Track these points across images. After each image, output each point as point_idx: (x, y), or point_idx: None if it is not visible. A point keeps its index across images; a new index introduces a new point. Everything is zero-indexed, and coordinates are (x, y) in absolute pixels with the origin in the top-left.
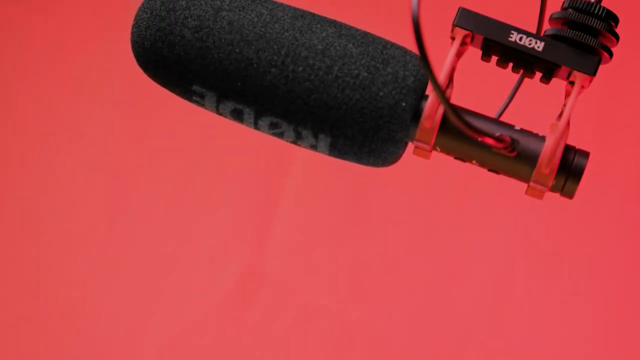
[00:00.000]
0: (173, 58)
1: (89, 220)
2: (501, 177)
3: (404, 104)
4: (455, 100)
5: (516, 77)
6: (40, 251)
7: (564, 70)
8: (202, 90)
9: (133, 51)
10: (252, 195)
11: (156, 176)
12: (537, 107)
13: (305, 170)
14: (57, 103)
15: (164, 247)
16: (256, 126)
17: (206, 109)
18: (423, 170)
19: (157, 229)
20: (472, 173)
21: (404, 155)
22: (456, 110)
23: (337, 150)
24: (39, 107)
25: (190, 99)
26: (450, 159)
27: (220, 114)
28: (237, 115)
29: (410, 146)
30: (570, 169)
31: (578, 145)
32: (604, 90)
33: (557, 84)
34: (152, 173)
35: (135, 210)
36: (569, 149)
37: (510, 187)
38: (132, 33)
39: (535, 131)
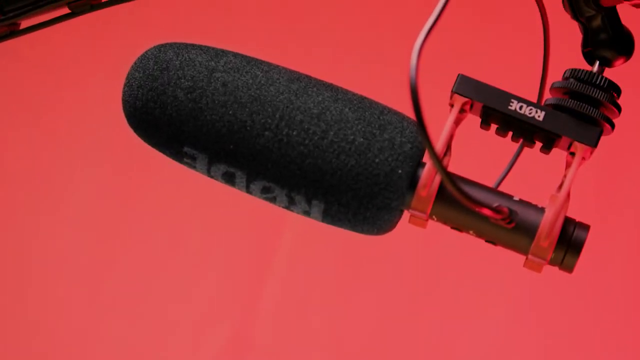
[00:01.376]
0: (165, 119)
1: (74, 278)
2: (499, 248)
3: (400, 171)
4: (452, 168)
5: (516, 145)
6: (27, 307)
7: (564, 140)
8: (193, 152)
9: (124, 110)
10: (242, 258)
11: (145, 236)
12: (537, 177)
13: (297, 234)
14: (47, 159)
15: (150, 309)
16: (248, 190)
17: (197, 171)
18: (418, 238)
19: (144, 291)
20: (469, 243)
21: (399, 223)
22: (453, 179)
23: (331, 217)
24: (28, 162)
25: (181, 161)
26: (447, 228)
27: (212, 177)
28: (229, 179)
29: (406, 214)
30: (569, 242)
31: (578, 217)
32: (605, 160)
33: (558, 153)
34: (142, 232)
35: (123, 269)
36: (568, 222)
37: (508, 259)
38: (124, 92)
39: (534, 202)
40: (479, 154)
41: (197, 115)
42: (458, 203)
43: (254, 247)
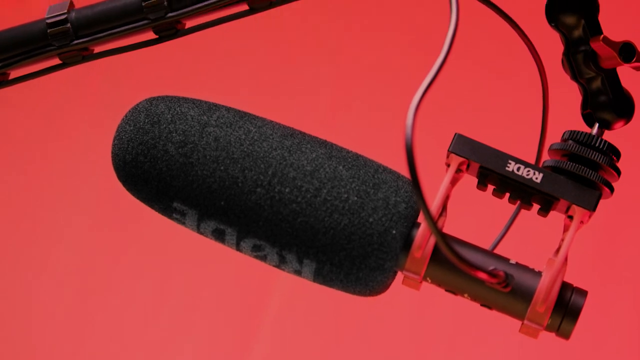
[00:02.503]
0: (155, 173)
1: (58, 339)
2: (494, 312)
3: (394, 231)
4: (448, 228)
5: (513, 207)
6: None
7: (562, 203)
8: (183, 208)
9: (113, 164)
10: (230, 320)
11: (130, 294)
12: (534, 240)
13: (287, 294)
14: (32, 208)
15: None
16: (238, 247)
17: (186, 227)
18: (412, 299)
19: (128, 354)
20: (464, 306)
21: (392, 283)
22: (448, 241)
23: (323, 276)
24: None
25: (170, 216)
26: (441, 290)
27: (201, 233)
28: (219, 236)
29: (399, 275)
30: (567, 308)
31: (576, 282)
32: (605, 223)
33: (556, 215)
34: (126, 291)
35: (107, 329)
36: (566, 287)
37: (504, 323)
38: (114, 145)
39: (531, 266)
40: (475, 215)
41: (188, 170)
42: (453, 265)
43: (241, 308)
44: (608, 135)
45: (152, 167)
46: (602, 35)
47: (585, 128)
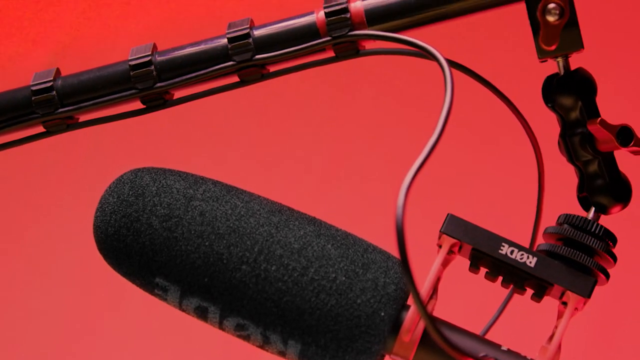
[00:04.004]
0: (137, 247)
1: None
2: None
3: (382, 313)
4: (438, 312)
5: (506, 291)
6: None
7: (556, 289)
8: (165, 284)
9: (95, 237)
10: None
11: None
12: (527, 326)
13: None
14: (10, 277)
15: None
16: (221, 326)
17: (168, 303)
18: None
19: None
20: None
21: None
22: (438, 326)
23: (307, 358)
24: None
25: (151, 292)
26: None
27: (183, 310)
28: (201, 313)
29: (387, 359)
30: None
31: None
32: (600, 309)
33: (550, 301)
34: None
35: None
36: None
37: None
38: (96, 217)
39: (523, 353)
40: (466, 298)
41: (172, 245)
42: (442, 351)
43: None
44: (604, 220)
45: (135, 240)
46: (599, 118)
47: (581, 212)
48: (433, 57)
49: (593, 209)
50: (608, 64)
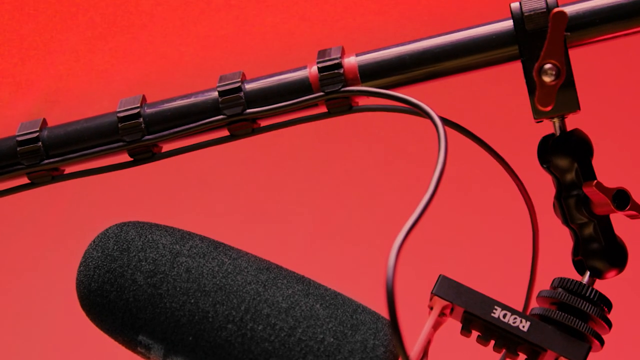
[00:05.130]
0: (121, 304)
1: None
2: None
3: None
4: None
5: (498, 356)
6: None
7: (550, 354)
8: (148, 342)
9: (77, 292)
10: None
11: None
12: None
13: None
14: None
15: None
16: None
17: None
18: None
19: None
20: None
21: None
22: None
23: None
24: None
25: (134, 350)
26: None
27: None
28: None
29: None
30: None
31: None
32: None
33: None
34: None
35: None
36: None
37: None
38: (79, 272)
39: None
40: None
41: (157, 301)
42: None
43: None
44: (599, 285)
45: (119, 296)
46: (595, 181)
47: (575, 275)
48: (427, 116)
49: (588, 273)
50: (605, 124)
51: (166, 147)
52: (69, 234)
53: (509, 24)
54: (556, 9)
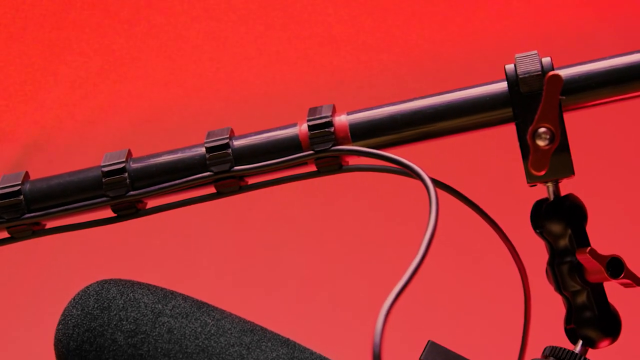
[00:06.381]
0: None
1: None
2: None
3: None
4: None
5: None
6: None
7: None
8: None
9: (55, 351)
10: None
11: None
12: None
13: None
14: None
15: None
16: None
17: None
18: None
19: None
20: None
21: None
22: None
23: None
24: None
25: None
26: None
27: None
28: None
29: None
30: None
31: None
32: None
33: None
34: None
35: None
36: None
37: None
38: (58, 330)
39: None
40: None
41: None
42: None
43: None
44: (592, 354)
45: (98, 356)
46: (589, 248)
47: (568, 344)
48: (418, 177)
49: (580, 342)
50: (600, 189)
51: (151, 203)
52: (49, 290)
53: (503, 85)
54: (551, 73)
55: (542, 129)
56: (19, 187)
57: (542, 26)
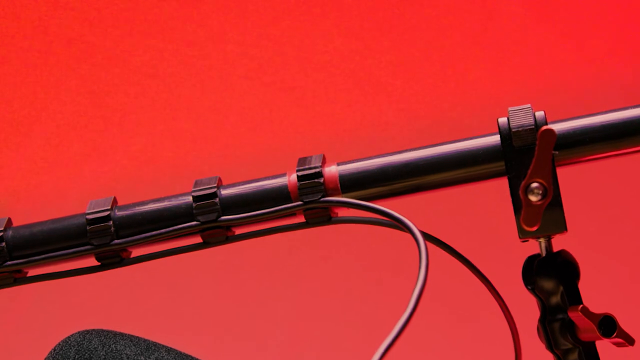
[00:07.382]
0: None
1: None
2: None
3: None
4: None
5: None
6: None
7: None
8: None
9: None
10: None
11: None
12: None
13: None
14: None
15: None
16: None
17: None
18: None
19: None
20: None
21: None
22: None
23: None
24: None
25: None
26: None
27: None
28: None
29: None
30: None
31: None
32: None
33: None
34: None
35: None
36: None
37: None
38: None
39: None
40: None
41: None
42: None
43: None
44: None
45: None
46: (581, 306)
47: None
48: (408, 230)
49: None
50: (593, 245)
51: (136, 252)
52: (28, 340)
53: (495, 139)
54: (545, 127)
55: (534, 184)
56: (1, 233)
57: (536, 80)
